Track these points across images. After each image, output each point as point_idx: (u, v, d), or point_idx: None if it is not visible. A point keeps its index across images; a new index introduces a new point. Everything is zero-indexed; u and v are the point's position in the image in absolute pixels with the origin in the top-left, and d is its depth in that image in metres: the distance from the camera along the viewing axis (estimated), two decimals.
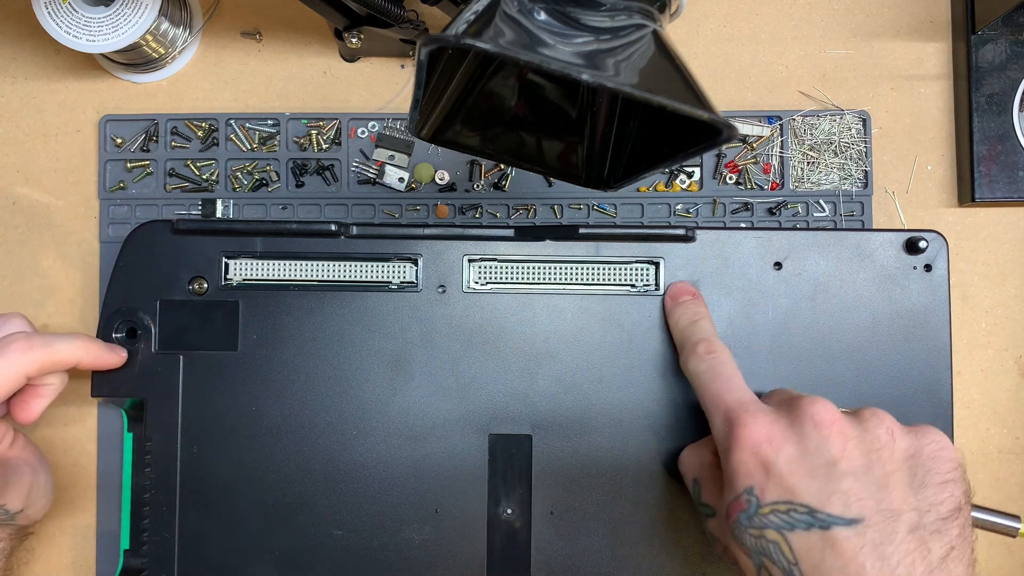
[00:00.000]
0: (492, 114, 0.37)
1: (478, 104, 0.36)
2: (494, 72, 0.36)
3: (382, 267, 0.44)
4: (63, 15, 0.45)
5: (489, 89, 0.36)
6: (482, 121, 0.37)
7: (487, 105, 0.37)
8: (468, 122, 0.37)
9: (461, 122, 0.36)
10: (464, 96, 0.35)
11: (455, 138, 0.37)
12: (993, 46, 0.48)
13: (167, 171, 0.50)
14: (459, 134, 0.37)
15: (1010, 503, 0.49)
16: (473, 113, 0.36)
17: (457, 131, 0.37)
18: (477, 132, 0.37)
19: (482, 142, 0.38)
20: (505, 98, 0.37)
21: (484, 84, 0.36)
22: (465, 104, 0.36)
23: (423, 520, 0.43)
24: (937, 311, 0.43)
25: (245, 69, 0.51)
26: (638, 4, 0.31)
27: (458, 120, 0.36)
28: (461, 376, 0.43)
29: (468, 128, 0.37)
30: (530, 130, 0.38)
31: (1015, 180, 0.48)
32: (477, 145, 0.37)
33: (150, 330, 0.43)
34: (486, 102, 0.36)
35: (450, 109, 0.35)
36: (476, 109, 0.36)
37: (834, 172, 0.49)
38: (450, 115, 0.36)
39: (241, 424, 0.43)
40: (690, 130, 0.31)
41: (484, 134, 0.37)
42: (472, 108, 0.36)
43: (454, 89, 0.35)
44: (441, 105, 0.35)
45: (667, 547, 0.43)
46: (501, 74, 0.36)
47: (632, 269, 0.44)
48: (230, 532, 0.43)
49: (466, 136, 0.37)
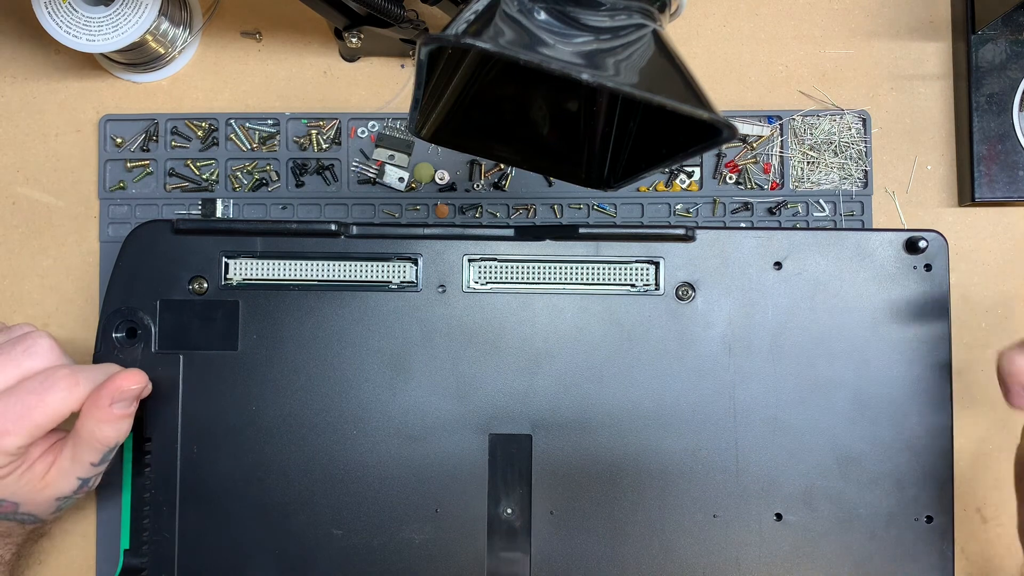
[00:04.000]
0: (492, 114, 0.37)
1: (478, 104, 0.36)
2: (494, 72, 0.35)
3: (382, 267, 0.44)
4: (63, 15, 0.45)
5: (489, 89, 0.36)
6: (482, 121, 0.37)
7: (487, 105, 0.37)
8: (468, 122, 0.36)
9: (461, 122, 0.36)
10: (464, 96, 0.35)
11: (455, 138, 0.37)
12: (993, 46, 0.48)
13: (167, 171, 0.50)
14: (459, 134, 0.37)
15: (1010, 504, 0.48)
16: (473, 113, 0.36)
17: (457, 131, 0.36)
18: (477, 132, 0.37)
19: (482, 142, 0.37)
20: (505, 98, 0.37)
21: (484, 84, 0.36)
22: (465, 104, 0.36)
23: (423, 520, 0.43)
24: (937, 311, 0.43)
25: (245, 69, 0.51)
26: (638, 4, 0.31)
27: (458, 120, 0.36)
28: (461, 376, 0.43)
29: (468, 128, 0.37)
30: (530, 130, 0.38)
31: (1015, 180, 0.48)
32: (477, 145, 0.37)
33: (150, 330, 0.43)
34: (486, 102, 0.36)
35: (450, 109, 0.35)
36: (476, 109, 0.36)
37: (834, 172, 0.49)
38: (450, 115, 0.36)
39: (241, 424, 0.43)
40: (690, 130, 0.31)
41: (484, 134, 0.37)
42: (472, 108, 0.36)
43: (454, 89, 0.35)
44: (441, 105, 0.35)
45: (667, 547, 0.43)
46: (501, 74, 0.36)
47: (632, 269, 0.44)
48: (230, 532, 0.43)
49: (466, 136, 0.37)
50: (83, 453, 0.39)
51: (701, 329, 0.43)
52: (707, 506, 0.43)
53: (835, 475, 0.43)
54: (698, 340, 0.43)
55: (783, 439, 0.43)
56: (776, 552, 0.43)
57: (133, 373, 0.39)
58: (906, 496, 0.43)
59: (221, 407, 0.43)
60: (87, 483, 0.40)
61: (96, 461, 0.39)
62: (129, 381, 0.38)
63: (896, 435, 0.43)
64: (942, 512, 0.43)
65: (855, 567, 0.43)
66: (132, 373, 0.39)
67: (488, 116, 0.37)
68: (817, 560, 0.43)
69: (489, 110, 0.37)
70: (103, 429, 0.38)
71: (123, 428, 0.39)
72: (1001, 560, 0.49)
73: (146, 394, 0.41)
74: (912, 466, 0.43)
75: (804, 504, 0.43)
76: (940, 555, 0.43)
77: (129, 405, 0.39)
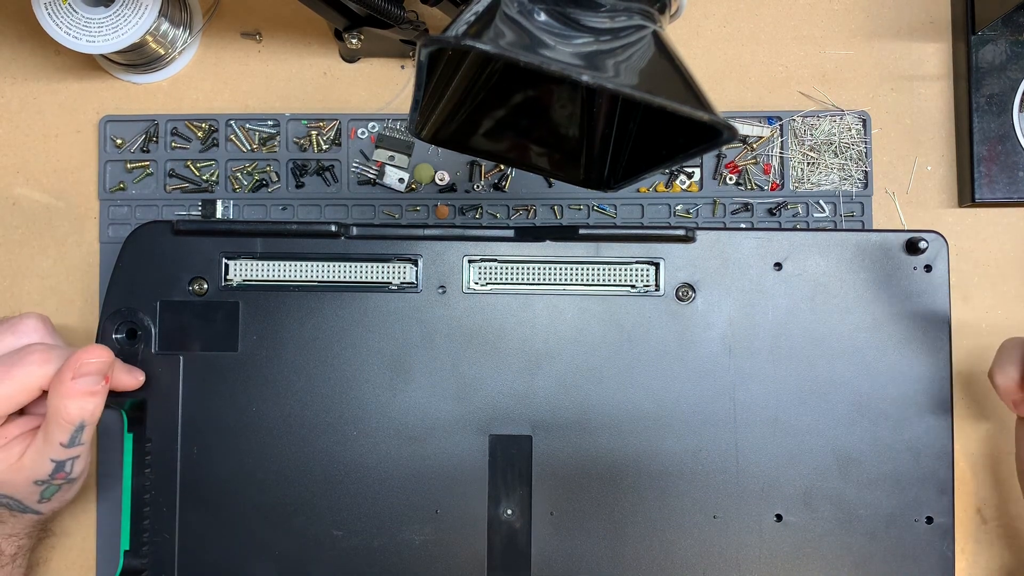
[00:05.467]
0: (492, 115, 0.37)
1: (478, 105, 0.36)
2: (494, 73, 0.35)
3: (382, 268, 0.44)
4: (63, 15, 0.45)
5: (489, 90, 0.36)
6: (482, 122, 0.37)
7: (487, 106, 0.37)
8: (468, 123, 0.36)
9: (461, 123, 0.36)
10: (464, 97, 0.35)
11: (455, 138, 0.37)
12: (993, 46, 0.48)
13: (167, 172, 0.50)
14: (459, 134, 0.37)
15: (1011, 504, 0.49)
16: (473, 114, 0.36)
17: (457, 131, 0.36)
18: (477, 133, 0.37)
19: (482, 143, 0.37)
20: (505, 99, 0.37)
21: (484, 85, 0.36)
22: (465, 105, 0.36)
23: (423, 520, 0.43)
24: (937, 311, 0.43)
25: (245, 69, 0.51)
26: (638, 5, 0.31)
27: (458, 120, 0.36)
28: (461, 377, 0.43)
29: (468, 129, 0.37)
30: (530, 131, 0.38)
31: (1015, 180, 0.48)
32: (477, 146, 0.37)
33: (150, 331, 0.43)
34: (486, 102, 0.36)
35: (450, 110, 0.35)
36: (476, 110, 0.36)
37: (834, 172, 0.49)
38: (450, 116, 0.36)
39: (241, 424, 0.43)
40: (690, 131, 0.31)
41: (484, 135, 0.37)
42: (472, 109, 0.36)
43: (454, 90, 0.35)
44: (441, 106, 0.35)
45: (667, 547, 0.43)
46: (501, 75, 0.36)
47: (632, 270, 0.44)
48: (230, 532, 0.43)
49: (466, 136, 0.37)
50: (52, 432, 0.38)
51: (701, 330, 0.43)
52: (707, 507, 0.43)
53: (835, 476, 0.43)
54: (698, 341, 0.43)
55: (783, 440, 0.43)
56: (776, 552, 0.43)
57: (96, 348, 0.39)
58: (906, 497, 0.43)
59: (221, 408, 0.43)
60: (63, 467, 0.40)
61: (65, 441, 0.39)
62: (90, 355, 0.38)
63: (896, 436, 0.43)
64: (942, 513, 0.43)
65: (855, 567, 0.43)
66: (95, 348, 0.39)
67: (488, 117, 0.37)
68: (817, 560, 0.43)
69: (489, 111, 0.37)
70: (67, 405, 0.38)
71: (88, 406, 0.38)
72: (1001, 560, 0.49)
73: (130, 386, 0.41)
74: (912, 467, 0.43)
75: (804, 505, 0.43)
76: (940, 556, 0.43)
77: (95, 382, 0.38)
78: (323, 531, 0.43)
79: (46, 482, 0.40)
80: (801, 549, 0.43)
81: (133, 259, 0.43)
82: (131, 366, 0.42)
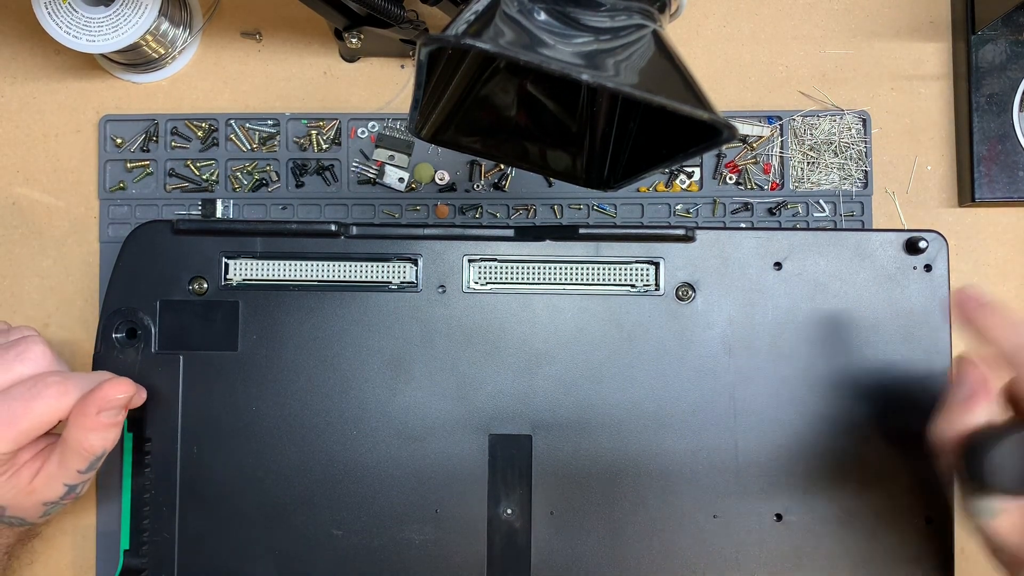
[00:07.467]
0: (492, 114, 0.37)
1: (478, 104, 0.36)
2: (494, 72, 0.35)
3: (382, 267, 0.44)
4: (63, 15, 0.45)
5: (489, 89, 0.36)
6: (482, 121, 0.37)
7: (487, 105, 0.37)
8: (468, 122, 0.36)
9: (461, 122, 0.36)
10: (464, 96, 0.35)
11: (455, 138, 0.37)
12: (993, 46, 0.48)
13: (167, 171, 0.50)
14: (459, 134, 0.37)
15: None
16: (473, 113, 0.36)
17: (457, 131, 0.36)
18: (477, 132, 0.37)
19: (482, 142, 0.37)
20: (505, 98, 0.37)
21: (484, 84, 0.36)
22: (465, 104, 0.36)
23: (423, 520, 0.43)
24: (937, 311, 0.43)
25: (245, 69, 0.51)
26: (638, 4, 0.31)
27: (458, 120, 0.36)
28: (461, 376, 0.43)
29: (468, 128, 0.37)
30: (530, 130, 0.38)
31: (1015, 180, 0.48)
32: (477, 145, 0.37)
33: (150, 330, 0.43)
34: (486, 102, 0.36)
35: (450, 109, 0.35)
36: (476, 109, 0.36)
37: (834, 172, 0.49)
38: (450, 115, 0.36)
39: (241, 424, 0.43)
40: (690, 130, 0.31)
41: (484, 134, 0.37)
42: (472, 108, 0.36)
43: (454, 89, 0.35)
44: (441, 105, 0.35)
45: (667, 547, 0.43)
46: (501, 74, 0.36)
47: (632, 269, 0.44)
48: (230, 532, 0.43)
49: (466, 136, 0.37)
50: (70, 460, 0.38)
51: (701, 329, 0.43)
52: (707, 506, 0.43)
53: (835, 476, 0.43)
54: (698, 340, 0.43)
55: (783, 440, 0.43)
56: (776, 552, 0.43)
57: (121, 382, 0.38)
58: (906, 497, 0.43)
59: (221, 407, 0.43)
60: (74, 489, 0.40)
61: (83, 468, 0.39)
62: (116, 390, 0.38)
63: (896, 435, 0.43)
64: (942, 513, 0.43)
65: (855, 567, 0.43)
66: (120, 382, 0.38)
67: (488, 116, 0.37)
68: (817, 560, 0.43)
69: (489, 110, 0.37)
70: (90, 438, 0.38)
71: (110, 436, 0.38)
72: None
73: (137, 403, 0.41)
74: (911, 466, 0.43)
75: (804, 504, 0.43)
76: (940, 555, 0.43)
77: (117, 414, 0.38)
78: (323, 531, 0.43)
79: (55, 503, 0.40)
80: (801, 548, 0.43)
81: (133, 259, 0.43)
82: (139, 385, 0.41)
